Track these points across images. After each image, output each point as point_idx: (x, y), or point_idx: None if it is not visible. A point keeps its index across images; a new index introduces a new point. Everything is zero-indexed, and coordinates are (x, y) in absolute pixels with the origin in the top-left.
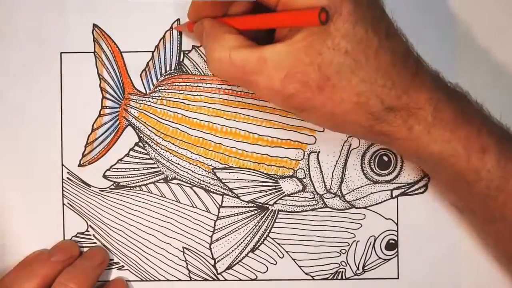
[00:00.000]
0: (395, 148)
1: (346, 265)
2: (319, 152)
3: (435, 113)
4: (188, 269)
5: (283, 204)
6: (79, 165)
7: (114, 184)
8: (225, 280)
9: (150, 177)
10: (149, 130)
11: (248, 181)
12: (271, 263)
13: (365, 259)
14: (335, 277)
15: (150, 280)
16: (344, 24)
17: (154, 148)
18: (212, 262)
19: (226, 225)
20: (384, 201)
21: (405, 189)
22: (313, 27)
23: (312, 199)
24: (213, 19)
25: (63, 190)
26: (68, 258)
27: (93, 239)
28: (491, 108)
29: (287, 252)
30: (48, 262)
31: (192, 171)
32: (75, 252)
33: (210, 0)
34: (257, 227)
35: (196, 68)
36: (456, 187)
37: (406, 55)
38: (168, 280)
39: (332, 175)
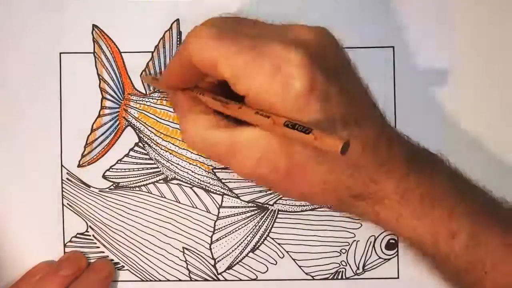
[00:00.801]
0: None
1: (346, 265)
2: None
3: (401, 202)
4: (188, 269)
5: (283, 204)
6: (79, 165)
7: (114, 185)
8: (225, 280)
9: (150, 177)
10: (149, 130)
11: (248, 181)
12: (271, 263)
13: (365, 259)
14: (335, 277)
15: (150, 280)
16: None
17: (154, 148)
18: (212, 262)
19: (226, 225)
20: None
21: None
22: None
23: None
24: (187, 94)
25: (62, 191)
26: (76, 271)
27: (93, 240)
28: None
29: (287, 252)
30: (56, 277)
31: (192, 171)
32: (83, 265)
33: (181, 76)
34: (257, 227)
35: None
36: (430, 263)
37: (377, 140)
38: (168, 280)
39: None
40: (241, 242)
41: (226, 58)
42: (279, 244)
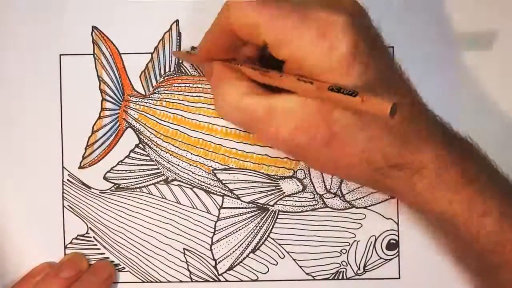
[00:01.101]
0: (398, 199)
1: (347, 265)
2: None
3: (439, 173)
4: (189, 270)
5: (283, 205)
6: (80, 167)
7: (115, 186)
8: (226, 281)
9: (151, 179)
10: (149, 131)
11: (249, 182)
12: (272, 264)
13: (366, 259)
14: (336, 277)
15: (151, 282)
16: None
17: (154, 149)
18: (213, 263)
19: (227, 226)
20: (384, 200)
21: None
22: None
23: (312, 199)
24: (223, 63)
25: (63, 192)
26: (76, 273)
27: (93, 241)
28: None
29: (287, 252)
30: (56, 279)
31: (193, 172)
32: (84, 266)
33: (220, 43)
34: (258, 227)
35: (195, 69)
36: (454, 244)
37: (414, 110)
38: (169, 281)
39: (332, 175)
40: (242, 243)
41: (269, 22)
42: (279, 244)
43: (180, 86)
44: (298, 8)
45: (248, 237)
